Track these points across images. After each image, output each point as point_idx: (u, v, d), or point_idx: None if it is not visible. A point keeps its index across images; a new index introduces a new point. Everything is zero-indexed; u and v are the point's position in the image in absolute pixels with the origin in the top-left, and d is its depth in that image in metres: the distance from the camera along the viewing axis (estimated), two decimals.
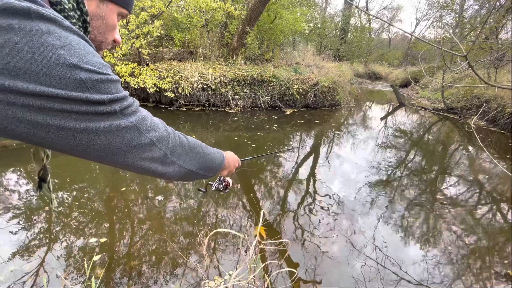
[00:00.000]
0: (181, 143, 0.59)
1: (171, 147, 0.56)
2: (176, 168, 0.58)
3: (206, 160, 0.68)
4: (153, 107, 6.98)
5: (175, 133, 0.59)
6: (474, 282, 2.19)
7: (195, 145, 0.65)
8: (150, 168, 0.53)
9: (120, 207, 2.83)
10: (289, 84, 7.61)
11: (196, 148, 0.65)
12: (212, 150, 0.73)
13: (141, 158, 0.50)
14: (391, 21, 27.41)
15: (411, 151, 5.44)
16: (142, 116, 0.50)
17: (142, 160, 0.50)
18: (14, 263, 2.00)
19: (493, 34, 8.60)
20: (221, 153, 0.78)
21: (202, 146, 0.68)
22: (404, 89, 13.93)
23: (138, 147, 0.49)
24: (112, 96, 0.44)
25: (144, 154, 0.50)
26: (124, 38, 6.19)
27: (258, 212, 2.75)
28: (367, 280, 2.08)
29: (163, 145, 0.53)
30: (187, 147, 0.61)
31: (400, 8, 32.00)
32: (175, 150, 0.57)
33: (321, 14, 18.73)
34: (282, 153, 4.67)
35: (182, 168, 0.60)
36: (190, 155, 0.62)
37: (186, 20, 7.67)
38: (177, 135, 0.60)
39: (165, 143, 0.54)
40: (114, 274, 1.99)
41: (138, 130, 0.48)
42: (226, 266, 2.12)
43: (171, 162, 0.57)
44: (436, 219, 3.01)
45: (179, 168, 0.59)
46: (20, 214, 2.56)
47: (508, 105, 7.09)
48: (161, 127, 0.54)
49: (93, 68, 0.42)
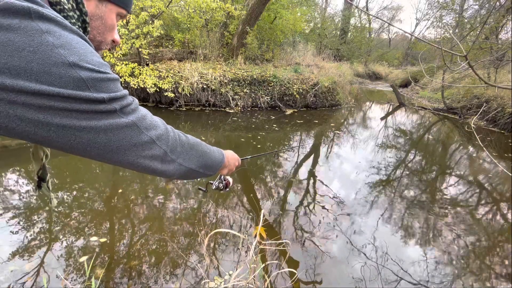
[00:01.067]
0: (181, 142, 0.59)
1: (171, 145, 0.56)
2: (176, 166, 0.58)
3: (206, 159, 0.68)
4: (153, 107, 6.97)
5: (175, 131, 0.59)
6: (474, 282, 2.19)
7: (195, 143, 0.65)
8: (150, 166, 0.53)
9: (120, 207, 2.82)
10: (289, 84, 7.61)
11: (196, 147, 0.65)
12: (212, 149, 0.73)
13: (141, 156, 0.50)
14: (391, 21, 27.43)
15: (411, 151, 5.44)
16: (142, 114, 0.50)
17: (142, 158, 0.50)
18: (14, 263, 2.00)
19: (493, 34, 8.60)
20: (221, 152, 0.78)
21: (202, 144, 0.68)
22: (404, 89, 13.92)
23: (138, 145, 0.49)
24: (112, 95, 0.44)
25: (144, 152, 0.50)
26: (124, 38, 6.20)
27: (258, 212, 2.75)
28: (367, 280, 2.08)
29: (163, 143, 0.53)
30: (187, 146, 0.61)
31: (400, 8, 32.03)
32: (175, 149, 0.57)
33: (321, 14, 18.72)
34: (282, 153, 4.68)
35: (182, 166, 0.60)
36: (190, 154, 0.62)
37: (186, 20, 7.67)
38: (177, 133, 0.60)
39: (165, 141, 0.54)
40: (114, 274, 1.99)
41: (138, 128, 0.48)
42: (226, 266, 2.12)
43: (171, 160, 0.57)
44: (436, 219, 3.01)
45: (179, 166, 0.59)
46: (20, 214, 2.56)
47: (508, 105, 7.09)
48: (161, 125, 0.54)
49: (92, 67, 0.42)
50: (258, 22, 8.40)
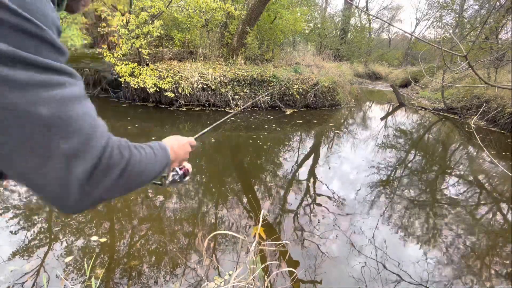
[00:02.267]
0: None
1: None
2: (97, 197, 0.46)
3: (145, 177, 0.54)
4: (153, 107, 6.98)
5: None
6: (474, 282, 2.19)
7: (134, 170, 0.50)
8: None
9: (120, 207, 2.82)
10: (289, 84, 7.61)
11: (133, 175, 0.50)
12: (151, 158, 0.55)
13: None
14: (391, 21, 27.42)
15: (411, 151, 5.44)
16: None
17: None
18: (14, 263, 2.00)
19: (493, 34, 8.60)
20: (163, 153, 0.61)
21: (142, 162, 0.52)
22: (404, 89, 13.92)
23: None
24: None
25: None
26: (124, 38, 6.20)
27: (257, 212, 2.75)
28: (367, 280, 2.08)
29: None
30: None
31: (400, 8, 32.02)
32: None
33: (321, 14, 18.72)
34: (233, 118, 4.27)
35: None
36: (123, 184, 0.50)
37: (186, 20, 7.67)
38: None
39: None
40: (114, 274, 1.99)
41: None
42: (226, 266, 2.12)
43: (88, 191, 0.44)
44: (436, 219, 3.01)
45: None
46: (20, 214, 2.56)
47: (508, 105, 7.09)
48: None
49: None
50: (258, 22, 8.40)
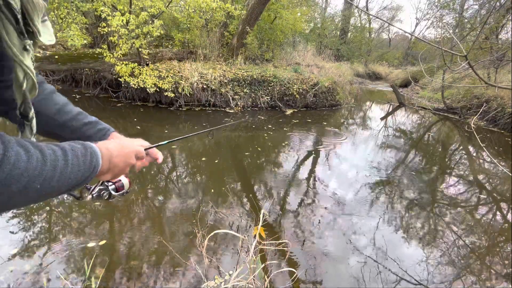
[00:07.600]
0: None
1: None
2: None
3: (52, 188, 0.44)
4: (153, 107, 6.98)
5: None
6: (474, 282, 2.19)
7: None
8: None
9: (120, 207, 2.82)
10: (289, 84, 7.61)
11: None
12: (59, 164, 0.45)
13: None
14: (391, 21, 27.40)
15: (411, 151, 5.44)
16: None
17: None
18: (14, 263, 2.00)
19: (493, 34, 8.60)
20: (89, 159, 0.50)
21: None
22: (404, 89, 13.92)
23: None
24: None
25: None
26: (124, 38, 6.19)
27: (257, 212, 2.75)
28: (367, 280, 2.08)
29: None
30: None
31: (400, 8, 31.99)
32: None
33: (321, 14, 18.74)
34: (203, 135, 4.23)
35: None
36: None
37: (186, 20, 7.66)
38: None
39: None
40: (114, 274, 1.99)
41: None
42: (226, 266, 2.12)
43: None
44: (436, 219, 3.01)
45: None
46: (20, 214, 2.56)
47: (508, 105, 7.09)
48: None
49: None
50: (258, 22, 8.40)
